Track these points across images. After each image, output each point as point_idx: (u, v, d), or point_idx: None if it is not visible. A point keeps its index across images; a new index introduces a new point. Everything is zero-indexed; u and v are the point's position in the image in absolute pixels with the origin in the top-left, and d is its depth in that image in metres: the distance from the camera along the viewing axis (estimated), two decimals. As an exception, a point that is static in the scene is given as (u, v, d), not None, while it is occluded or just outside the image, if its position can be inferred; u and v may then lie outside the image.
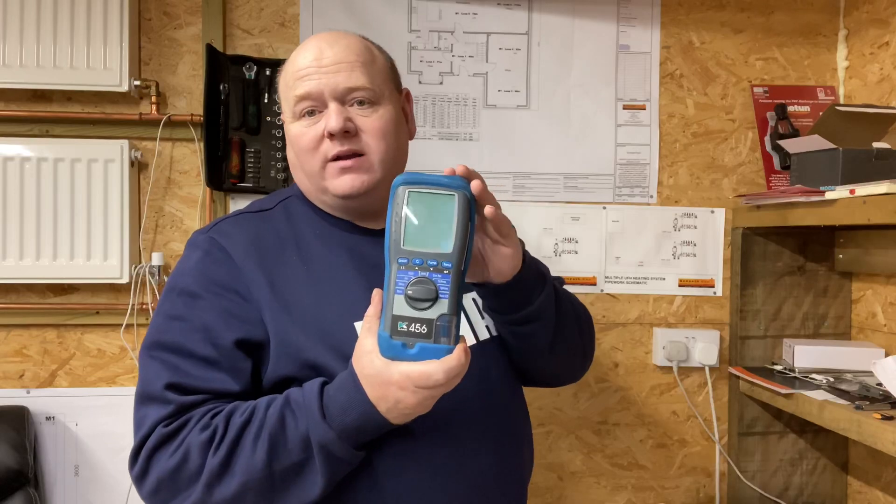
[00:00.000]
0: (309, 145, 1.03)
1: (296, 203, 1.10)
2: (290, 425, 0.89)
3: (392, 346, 0.83)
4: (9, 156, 1.72)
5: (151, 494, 0.94)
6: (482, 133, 1.90)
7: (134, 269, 1.78)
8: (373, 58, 1.06)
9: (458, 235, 0.84)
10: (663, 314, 1.94)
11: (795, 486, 1.90)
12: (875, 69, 1.83)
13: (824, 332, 1.90)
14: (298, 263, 1.02)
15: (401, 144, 1.09)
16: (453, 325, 0.83)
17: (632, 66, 1.93)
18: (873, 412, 1.41)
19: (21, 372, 1.82)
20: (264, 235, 1.04)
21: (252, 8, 1.85)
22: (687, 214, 1.94)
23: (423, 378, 0.82)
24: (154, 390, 0.94)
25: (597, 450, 1.94)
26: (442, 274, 0.83)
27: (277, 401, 0.92)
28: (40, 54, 1.71)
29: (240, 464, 0.89)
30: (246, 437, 0.90)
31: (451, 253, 0.84)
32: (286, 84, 1.06)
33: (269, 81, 1.80)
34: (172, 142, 1.84)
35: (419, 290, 0.82)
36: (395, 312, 0.83)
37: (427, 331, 0.82)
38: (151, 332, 1.00)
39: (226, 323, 0.97)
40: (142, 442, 0.93)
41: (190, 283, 1.00)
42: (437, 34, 1.89)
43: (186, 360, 0.95)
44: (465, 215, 0.85)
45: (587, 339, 1.19)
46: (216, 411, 0.93)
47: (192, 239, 1.06)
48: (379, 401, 0.86)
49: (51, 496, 1.78)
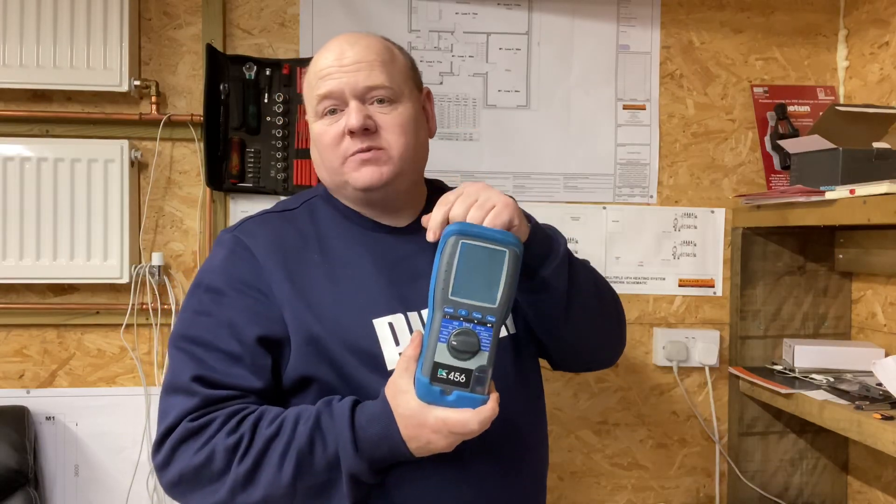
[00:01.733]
0: (331, 142, 1.05)
1: (319, 203, 1.13)
2: (318, 449, 0.92)
3: (431, 391, 0.87)
4: (9, 156, 1.72)
5: (172, 485, 0.97)
6: (482, 133, 1.90)
7: (134, 269, 1.78)
8: (392, 57, 1.08)
9: (505, 291, 0.88)
10: (663, 314, 1.94)
11: (795, 486, 1.90)
12: (875, 69, 1.83)
13: (824, 332, 1.90)
14: (320, 262, 1.05)
15: (421, 142, 1.11)
16: (489, 377, 0.87)
17: (632, 66, 1.93)
18: (873, 412, 1.41)
19: (21, 372, 1.82)
20: (287, 235, 1.07)
21: (252, 8, 1.85)
22: (687, 214, 1.94)
23: (460, 425, 0.87)
24: (181, 381, 0.97)
25: (597, 450, 1.94)
26: (485, 327, 0.87)
27: (306, 419, 0.94)
28: (40, 54, 1.71)
29: (264, 477, 0.92)
30: (273, 452, 0.92)
31: (497, 308, 0.88)
32: (309, 84, 1.09)
33: (269, 81, 1.80)
34: (172, 142, 1.84)
35: (463, 341, 0.86)
36: (437, 359, 0.87)
37: (465, 380, 0.87)
38: (178, 326, 1.03)
39: (249, 320, 0.99)
40: (167, 432, 0.96)
41: (215, 280, 1.03)
42: (437, 34, 1.89)
43: (212, 353, 0.98)
44: (514, 272, 0.89)
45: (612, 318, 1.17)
46: (243, 415, 0.95)
47: (219, 237, 1.09)
48: (410, 440, 0.90)
49: (51, 496, 1.78)
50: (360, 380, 0.99)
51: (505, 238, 0.89)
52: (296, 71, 1.80)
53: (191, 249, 1.85)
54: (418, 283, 1.03)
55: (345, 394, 0.98)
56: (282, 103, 1.80)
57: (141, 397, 1.82)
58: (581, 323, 1.09)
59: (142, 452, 1.80)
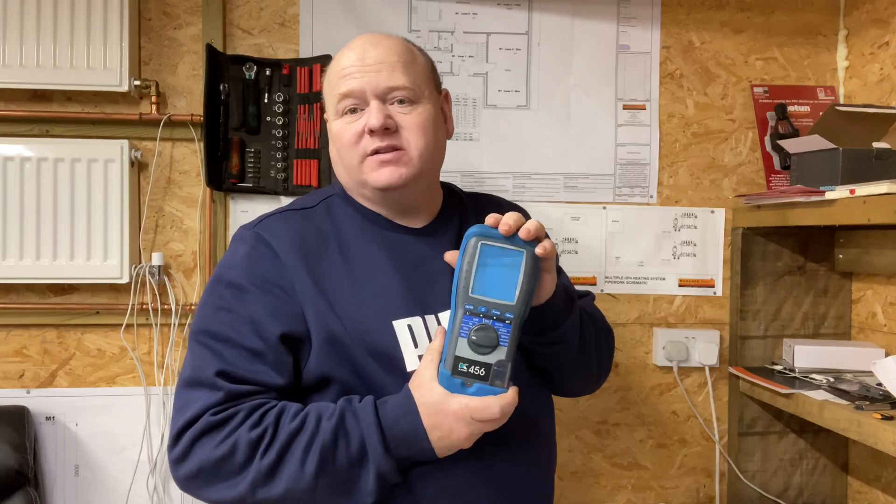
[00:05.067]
0: (350, 141, 1.06)
1: (337, 201, 1.13)
2: (341, 446, 0.93)
3: (452, 383, 0.91)
4: (9, 156, 1.72)
5: (188, 478, 0.96)
6: (482, 133, 1.90)
7: (134, 270, 1.78)
8: (414, 58, 1.09)
9: (523, 290, 0.92)
10: (663, 314, 1.94)
11: (795, 486, 1.90)
12: (875, 69, 1.83)
13: (824, 332, 1.90)
14: (340, 261, 1.05)
15: (439, 142, 1.12)
16: (508, 371, 0.91)
17: (632, 66, 1.93)
18: (873, 412, 1.41)
19: (21, 372, 1.82)
20: (307, 233, 1.07)
21: (252, 8, 1.85)
22: (687, 214, 1.94)
23: (482, 410, 0.89)
24: (205, 376, 0.97)
25: (597, 450, 1.94)
26: (504, 323, 0.92)
27: (329, 415, 0.95)
28: (40, 54, 1.71)
29: (287, 471, 0.93)
30: (296, 447, 0.93)
31: (515, 305, 0.92)
32: (330, 83, 1.09)
33: (269, 81, 1.81)
34: (172, 142, 1.84)
35: (482, 336, 0.91)
36: (458, 353, 0.91)
37: (485, 374, 0.91)
38: (199, 321, 1.02)
39: (271, 317, 1.00)
40: (187, 425, 0.95)
41: (236, 276, 1.03)
42: (437, 34, 1.89)
43: (234, 349, 0.98)
44: (531, 272, 0.93)
45: (605, 362, 1.23)
46: (266, 409, 0.96)
47: (239, 234, 1.09)
48: (433, 429, 0.92)
49: (51, 496, 1.78)
50: (379, 381, 0.99)
51: (521, 241, 0.93)
52: (296, 71, 1.80)
53: (191, 249, 1.85)
54: (436, 287, 1.05)
55: (363, 394, 0.98)
56: (282, 103, 1.80)
57: (141, 397, 1.82)
58: (582, 370, 1.15)
59: (142, 452, 1.80)
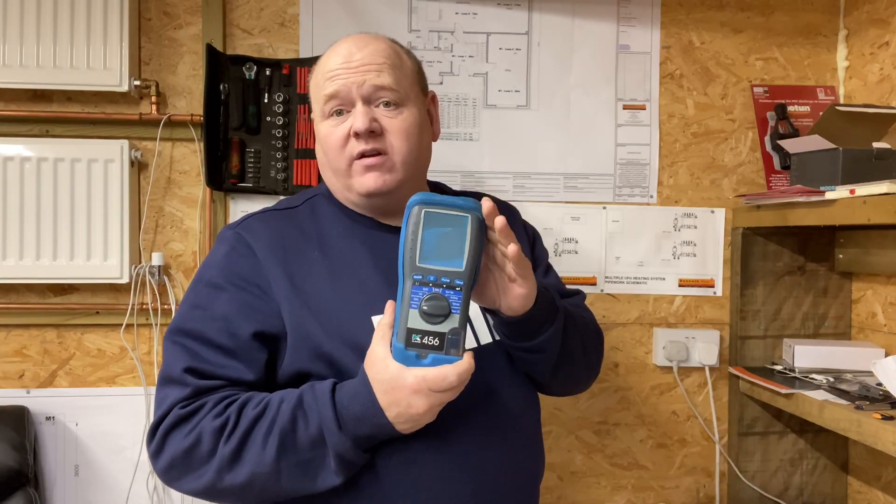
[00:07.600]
0: (336, 143, 1.06)
1: (321, 201, 1.14)
2: (300, 426, 0.93)
3: (406, 356, 0.88)
4: (9, 156, 1.72)
5: (165, 471, 0.99)
6: (482, 133, 1.90)
7: (134, 269, 1.78)
8: (400, 61, 1.09)
9: (471, 255, 0.89)
10: (663, 314, 1.94)
11: (795, 486, 1.90)
12: (875, 69, 1.83)
13: (824, 332, 1.90)
14: (320, 259, 1.06)
15: (424, 146, 1.12)
16: (462, 339, 0.89)
17: (632, 66, 1.93)
18: (873, 412, 1.41)
19: (21, 372, 1.82)
20: (288, 233, 1.08)
21: (252, 8, 1.85)
22: (687, 214, 1.94)
23: (439, 381, 0.87)
24: (174, 373, 0.99)
25: (597, 450, 1.94)
26: (454, 291, 0.89)
27: (289, 400, 0.96)
28: (40, 54, 1.71)
29: (249, 456, 0.94)
30: (257, 432, 0.94)
31: (464, 271, 0.89)
32: (316, 84, 1.09)
33: (269, 81, 1.80)
34: (172, 142, 1.84)
35: (434, 305, 0.88)
36: (410, 325, 0.88)
37: (439, 343, 0.88)
38: (176, 319, 1.05)
39: (245, 315, 1.01)
40: (159, 421, 0.98)
41: (215, 275, 1.05)
42: (437, 34, 1.89)
43: (205, 346, 1.00)
44: (477, 236, 0.90)
45: (593, 364, 1.22)
46: (231, 400, 0.97)
47: (221, 234, 1.10)
48: (390, 406, 0.90)
49: (51, 496, 1.78)
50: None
51: (465, 204, 0.90)
52: (296, 71, 1.80)
53: (191, 249, 1.85)
54: None
55: None
56: (282, 103, 1.80)
57: (141, 397, 1.82)
58: (564, 376, 1.13)
59: (142, 452, 1.80)
